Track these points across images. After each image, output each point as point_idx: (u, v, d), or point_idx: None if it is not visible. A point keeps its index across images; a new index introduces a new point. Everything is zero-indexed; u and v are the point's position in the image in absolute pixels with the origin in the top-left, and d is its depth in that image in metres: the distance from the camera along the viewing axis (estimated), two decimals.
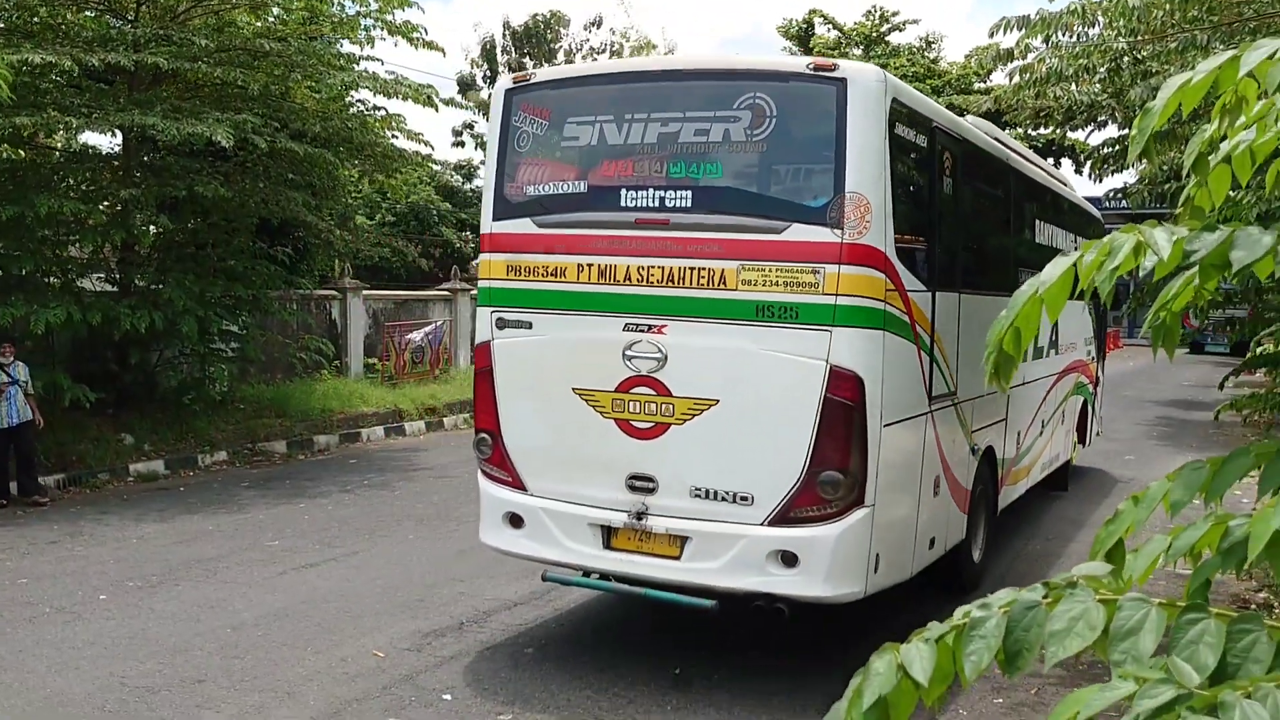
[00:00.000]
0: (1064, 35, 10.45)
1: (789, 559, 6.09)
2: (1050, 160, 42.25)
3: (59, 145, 13.90)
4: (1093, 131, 12.52)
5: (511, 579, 8.56)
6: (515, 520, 6.80)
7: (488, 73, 46.20)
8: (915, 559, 6.99)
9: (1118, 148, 11.61)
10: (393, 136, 16.53)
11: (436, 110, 16.00)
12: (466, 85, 44.81)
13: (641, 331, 6.39)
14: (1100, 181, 13.31)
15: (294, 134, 14.01)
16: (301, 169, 14.35)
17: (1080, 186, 14.27)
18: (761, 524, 6.14)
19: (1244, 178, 2.29)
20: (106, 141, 13.78)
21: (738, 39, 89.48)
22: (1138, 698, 1.38)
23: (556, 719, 5.88)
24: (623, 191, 6.53)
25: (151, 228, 13.93)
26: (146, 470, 12.89)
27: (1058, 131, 12.98)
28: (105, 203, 13.02)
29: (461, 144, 46.81)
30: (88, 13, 13.26)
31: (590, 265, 6.54)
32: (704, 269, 6.27)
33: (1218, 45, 8.08)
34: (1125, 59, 10.32)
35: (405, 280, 27.68)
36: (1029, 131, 40.59)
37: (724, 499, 6.25)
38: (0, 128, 11.02)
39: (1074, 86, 11.08)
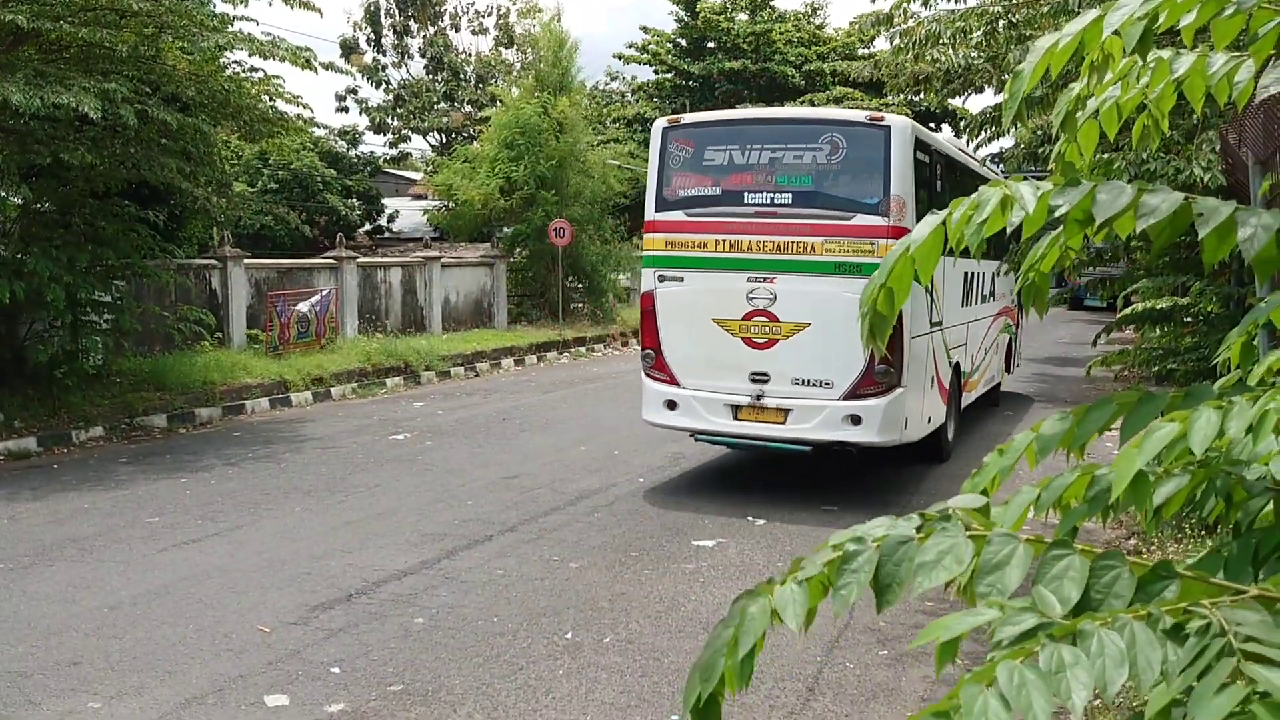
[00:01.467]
0: None
1: (856, 419, 9.79)
2: (931, 125, 43.12)
3: None
4: (970, 96, 12.80)
5: (402, 549, 8.47)
6: (671, 405, 10.49)
7: (371, 35, 45.24)
8: (922, 427, 10.63)
9: (995, 113, 11.93)
10: (270, 100, 16.05)
11: (316, 73, 15.59)
12: (349, 48, 43.82)
13: (759, 281, 9.99)
14: (980, 148, 13.65)
15: (166, 98, 13.51)
16: (174, 135, 13.85)
17: None
18: (838, 399, 9.83)
19: (1112, 133, 2.34)
20: None
21: (625, 5, 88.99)
22: (1000, 624, 1.41)
23: (447, 689, 5.83)
24: (745, 194, 10.16)
25: (15, 198, 13.32)
26: (17, 448, 12.39)
27: (936, 97, 13.22)
28: None
29: (345, 109, 46.02)
30: None
31: (724, 240, 10.17)
32: (800, 242, 9.83)
33: (1089, 9, 8.30)
34: (1001, 23, 10.54)
35: (289, 248, 27.08)
36: (910, 99, 41.37)
37: (814, 384, 9.91)
38: None
39: (951, 51, 11.29)
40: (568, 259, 25.52)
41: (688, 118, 10.94)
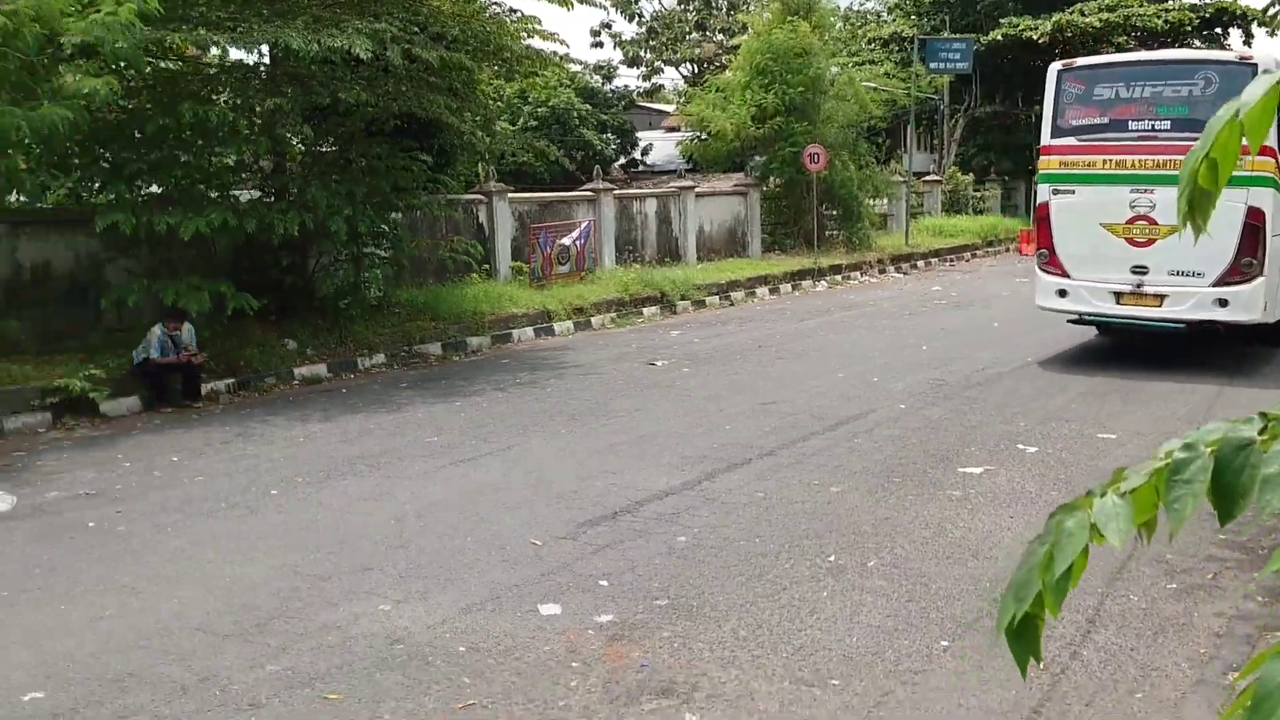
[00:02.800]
0: None
1: (1223, 302, 11.94)
2: (1217, 31, 39.63)
3: (211, 59, 14.24)
4: None
5: (663, 470, 8.59)
6: (1062, 293, 12.90)
7: None
8: (1277, 312, 12.39)
9: None
10: (528, 38, 16.45)
11: (570, 8, 15.83)
12: None
13: (1140, 192, 12.14)
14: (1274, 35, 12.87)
15: (433, 36, 14.02)
16: (439, 72, 14.40)
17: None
18: (1208, 286, 11.95)
19: None
20: (254, 55, 14.05)
21: None
22: None
23: (711, 605, 5.89)
24: (1129, 122, 12.36)
25: (299, 142, 14.22)
26: (310, 374, 13.35)
27: None
28: (254, 111, 13.29)
29: (600, 44, 46.55)
30: None
31: (1110, 159, 12.43)
32: (1176, 160, 12.37)
33: None
34: None
35: (548, 184, 27.82)
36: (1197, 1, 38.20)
37: (1187, 275, 12.02)
38: (149, 40, 11.30)
39: None
40: (822, 185, 25.04)
41: (1079, 61, 13.53)
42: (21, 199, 13.26)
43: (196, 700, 4.85)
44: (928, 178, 35.80)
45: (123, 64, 11.78)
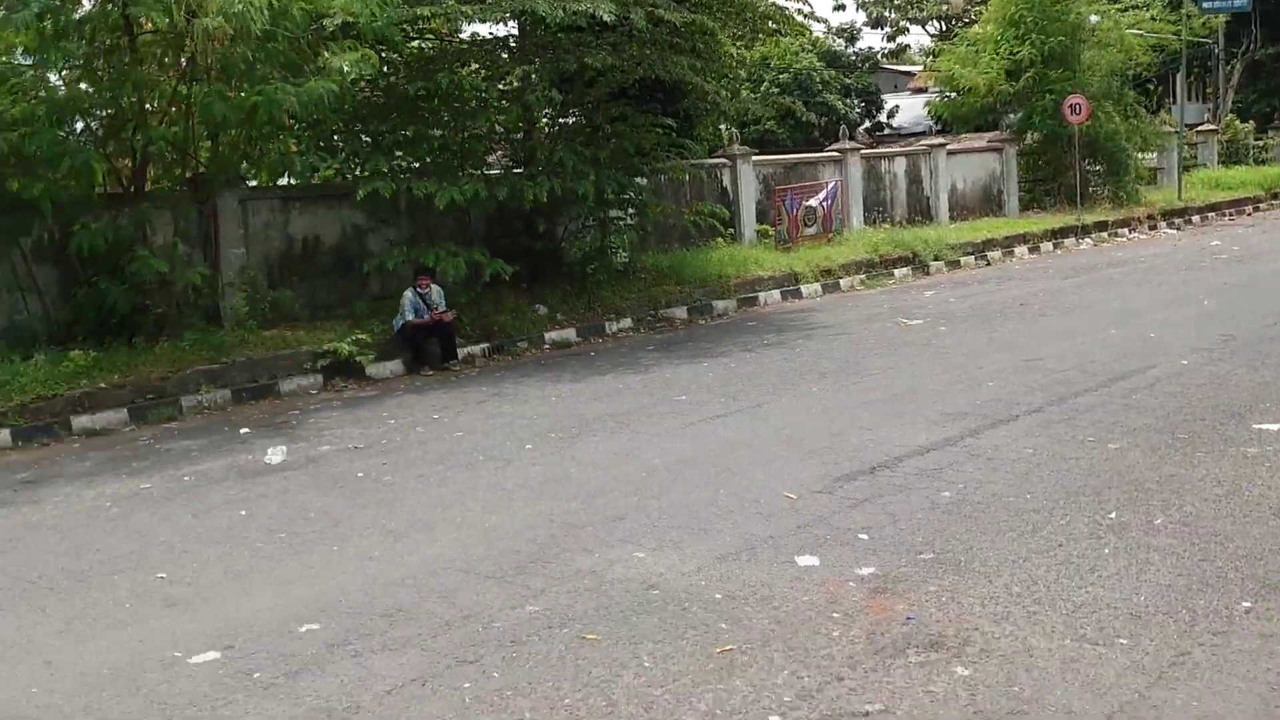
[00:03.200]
0: None
1: None
2: None
3: (463, 35, 14.71)
4: None
5: (922, 427, 8.20)
6: None
7: None
8: None
9: None
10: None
11: None
12: None
13: None
14: None
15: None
16: (682, 35, 14.30)
17: None
18: None
19: None
20: (502, 27, 14.44)
21: None
22: None
23: (980, 560, 5.53)
24: None
25: (547, 110, 14.46)
26: (559, 338, 13.59)
27: None
28: (503, 82, 13.61)
29: (842, 7, 45.35)
30: None
31: None
32: None
33: None
34: None
35: (792, 149, 27.40)
36: None
37: None
38: (404, 19, 11.72)
39: None
40: (1084, 138, 23.54)
41: None
42: (292, 180, 14.05)
43: (461, 634, 4.91)
44: (1202, 128, 33.19)
45: (380, 45, 12.25)
